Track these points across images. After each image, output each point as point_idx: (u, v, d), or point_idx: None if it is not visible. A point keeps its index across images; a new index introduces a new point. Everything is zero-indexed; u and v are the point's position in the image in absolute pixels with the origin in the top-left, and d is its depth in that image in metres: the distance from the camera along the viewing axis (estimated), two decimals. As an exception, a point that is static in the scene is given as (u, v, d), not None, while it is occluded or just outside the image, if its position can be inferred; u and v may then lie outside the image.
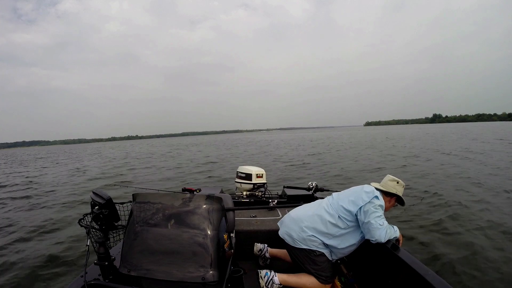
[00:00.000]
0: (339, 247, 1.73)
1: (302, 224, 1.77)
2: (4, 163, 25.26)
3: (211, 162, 13.97)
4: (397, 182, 1.84)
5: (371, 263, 1.83)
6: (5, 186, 9.84)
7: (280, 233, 1.89)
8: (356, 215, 1.70)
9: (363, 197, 1.70)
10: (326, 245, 1.73)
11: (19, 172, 14.83)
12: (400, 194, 1.84)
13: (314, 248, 1.72)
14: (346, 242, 1.73)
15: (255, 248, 2.17)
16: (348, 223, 1.71)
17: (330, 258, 1.76)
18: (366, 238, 1.70)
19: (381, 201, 1.72)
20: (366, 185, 1.84)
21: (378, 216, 1.65)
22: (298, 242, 1.75)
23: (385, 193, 1.81)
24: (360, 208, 1.68)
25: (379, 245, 1.67)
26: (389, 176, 1.89)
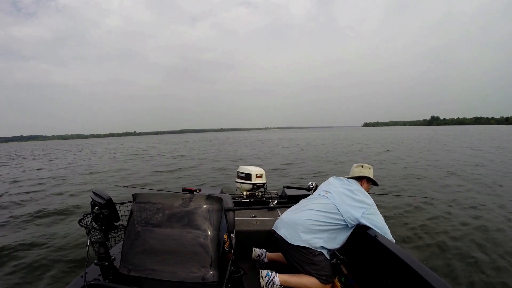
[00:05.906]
0: (335, 243, 1.77)
1: (297, 226, 1.78)
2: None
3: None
4: (362, 166, 2.06)
5: (371, 263, 1.83)
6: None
7: (277, 235, 1.88)
8: (355, 216, 1.76)
9: (361, 204, 1.80)
10: (323, 243, 1.75)
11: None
12: (368, 175, 2.02)
13: (312, 248, 1.73)
14: (341, 238, 1.79)
15: (253, 253, 2.16)
16: (342, 220, 1.77)
17: (328, 257, 1.78)
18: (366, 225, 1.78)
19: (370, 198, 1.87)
20: (361, 190, 1.91)
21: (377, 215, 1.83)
22: (296, 240, 1.75)
23: (356, 179, 2.00)
24: (362, 214, 1.77)
25: (379, 245, 1.67)
26: (354, 164, 2.13)
